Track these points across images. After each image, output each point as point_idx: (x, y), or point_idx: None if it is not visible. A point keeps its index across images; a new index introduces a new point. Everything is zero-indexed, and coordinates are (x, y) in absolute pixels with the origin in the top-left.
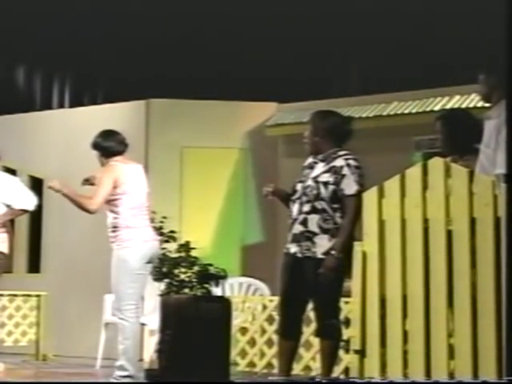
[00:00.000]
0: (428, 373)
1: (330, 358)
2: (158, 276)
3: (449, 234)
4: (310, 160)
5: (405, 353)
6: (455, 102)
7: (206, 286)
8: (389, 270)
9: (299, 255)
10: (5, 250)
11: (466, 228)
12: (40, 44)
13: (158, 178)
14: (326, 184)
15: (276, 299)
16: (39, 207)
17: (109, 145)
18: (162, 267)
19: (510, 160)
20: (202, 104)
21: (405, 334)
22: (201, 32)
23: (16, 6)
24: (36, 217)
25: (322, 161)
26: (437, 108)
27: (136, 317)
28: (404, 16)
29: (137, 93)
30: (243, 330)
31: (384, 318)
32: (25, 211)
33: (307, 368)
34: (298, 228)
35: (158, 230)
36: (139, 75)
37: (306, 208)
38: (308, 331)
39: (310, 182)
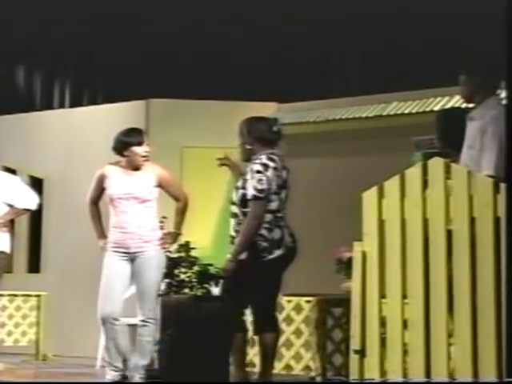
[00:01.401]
0: (428, 373)
1: (273, 351)
2: None
3: (449, 233)
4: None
5: (405, 353)
6: (455, 101)
7: (206, 285)
8: (389, 270)
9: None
10: (7, 249)
11: (465, 228)
12: (40, 44)
13: None
14: (237, 188)
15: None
16: (39, 207)
17: None
18: None
19: (509, 160)
20: (202, 104)
21: (404, 334)
22: (201, 32)
23: (16, 5)
24: (36, 217)
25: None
26: (437, 108)
27: None
28: (404, 16)
29: (137, 93)
30: None
31: (384, 317)
32: (27, 210)
33: (307, 368)
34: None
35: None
36: (139, 75)
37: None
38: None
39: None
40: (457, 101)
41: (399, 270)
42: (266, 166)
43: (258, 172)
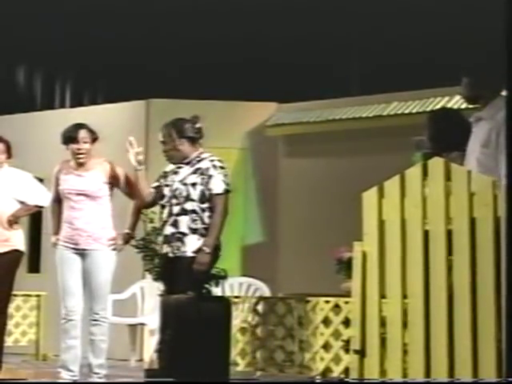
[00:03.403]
0: (428, 373)
1: None
2: (158, 276)
3: (449, 233)
4: (172, 166)
5: (405, 353)
6: (455, 101)
7: (206, 285)
8: (389, 270)
9: (171, 255)
10: (22, 247)
11: (466, 228)
12: (40, 44)
13: None
14: (194, 185)
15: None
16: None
17: None
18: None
19: (510, 160)
20: (202, 104)
21: (404, 334)
22: (201, 32)
23: (16, 5)
24: (36, 217)
25: (187, 164)
26: (436, 108)
27: None
28: (404, 16)
29: (137, 93)
30: (243, 330)
31: (384, 317)
32: (39, 207)
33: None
34: (169, 229)
35: (158, 230)
36: (139, 75)
37: (176, 210)
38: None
39: (177, 185)
40: (457, 101)
41: (399, 270)
42: (221, 161)
43: (223, 168)
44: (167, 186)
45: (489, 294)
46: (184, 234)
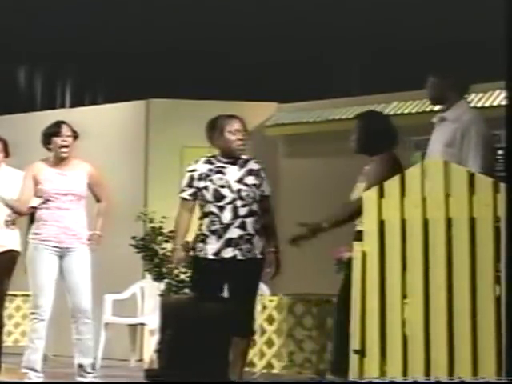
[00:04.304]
0: (428, 373)
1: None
2: (158, 276)
3: (449, 233)
4: (209, 166)
5: (405, 353)
6: None
7: None
8: (389, 270)
9: (240, 257)
10: (18, 247)
11: (465, 228)
12: (41, 44)
13: (158, 178)
14: (254, 186)
15: (275, 299)
16: None
17: None
18: (162, 267)
19: (509, 160)
20: (202, 104)
21: (404, 333)
22: (201, 32)
23: (16, 5)
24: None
25: (233, 164)
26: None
27: None
28: (404, 16)
29: (137, 93)
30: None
31: (384, 318)
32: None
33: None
34: (236, 232)
35: (158, 230)
36: (139, 75)
37: (243, 212)
38: None
39: (239, 186)
40: None
41: (399, 270)
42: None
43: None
44: (222, 186)
45: (489, 294)
46: (252, 236)
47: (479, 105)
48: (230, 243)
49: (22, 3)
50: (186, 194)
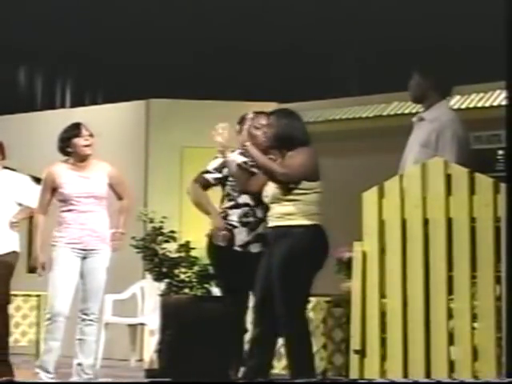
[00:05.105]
0: (428, 373)
1: None
2: (158, 276)
3: (449, 233)
4: (245, 158)
5: (405, 353)
6: (455, 102)
7: (206, 285)
8: (389, 270)
9: None
10: (17, 248)
11: (466, 228)
12: (41, 44)
13: (158, 178)
14: None
15: None
16: None
17: None
18: (162, 267)
19: (509, 160)
20: (202, 104)
21: (405, 334)
22: (200, 32)
23: (16, 5)
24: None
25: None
26: None
27: None
28: (404, 16)
29: (137, 93)
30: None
31: (384, 317)
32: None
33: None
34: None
35: (158, 230)
36: (139, 75)
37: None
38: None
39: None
40: (457, 100)
41: (399, 270)
42: None
43: None
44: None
45: (489, 294)
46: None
47: (479, 105)
48: (259, 238)
49: (22, 3)
50: (211, 177)
